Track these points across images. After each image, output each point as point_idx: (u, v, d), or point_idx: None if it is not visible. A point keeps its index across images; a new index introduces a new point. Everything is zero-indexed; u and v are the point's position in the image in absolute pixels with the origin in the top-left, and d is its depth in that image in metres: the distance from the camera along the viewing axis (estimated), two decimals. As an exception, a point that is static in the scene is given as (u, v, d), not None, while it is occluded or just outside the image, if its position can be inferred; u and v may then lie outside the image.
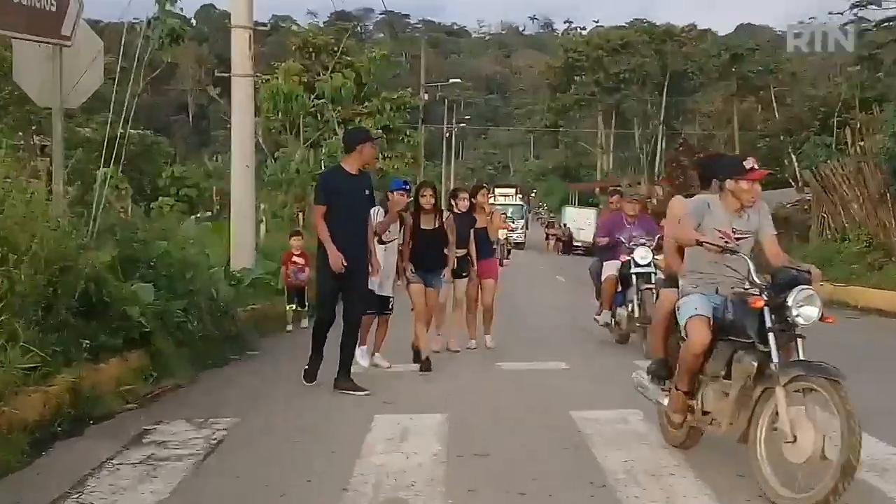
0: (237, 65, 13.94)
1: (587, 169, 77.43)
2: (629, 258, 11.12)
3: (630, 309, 11.13)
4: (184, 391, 8.48)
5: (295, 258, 13.10)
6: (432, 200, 9.90)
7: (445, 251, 10.03)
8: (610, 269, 11.50)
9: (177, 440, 6.55)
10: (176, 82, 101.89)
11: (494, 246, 11.62)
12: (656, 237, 10.92)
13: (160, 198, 21.35)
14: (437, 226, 9.91)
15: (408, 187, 9.71)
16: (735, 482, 5.52)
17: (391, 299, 9.68)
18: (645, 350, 9.78)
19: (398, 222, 9.60)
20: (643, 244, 11.15)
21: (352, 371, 8.59)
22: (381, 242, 9.27)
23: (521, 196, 63.56)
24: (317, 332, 8.57)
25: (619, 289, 11.42)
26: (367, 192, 8.44)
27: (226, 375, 9.42)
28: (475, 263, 10.96)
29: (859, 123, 24.63)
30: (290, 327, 12.93)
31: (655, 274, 10.53)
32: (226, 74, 14.86)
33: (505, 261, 27.31)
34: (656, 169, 61.54)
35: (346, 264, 8.10)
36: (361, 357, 9.41)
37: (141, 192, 25.07)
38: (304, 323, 12.90)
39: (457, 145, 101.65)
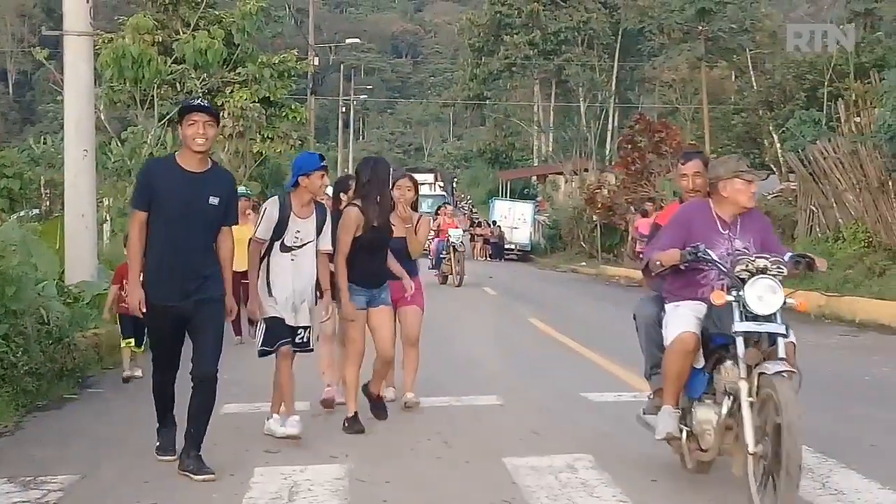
0: (71, 19, 13.70)
1: (521, 152, 78.10)
2: (731, 299, 6.28)
3: (726, 409, 6.40)
4: (4, 441, 8.37)
5: None
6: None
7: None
8: (683, 320, 6.75)
9: (-3, 506, 6.44)
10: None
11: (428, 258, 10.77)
12: (788, 257, 6.68)
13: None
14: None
15: (325, 164, 8.37)
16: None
17: (307, 331, 8.42)
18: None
19: (315, 218, 8.32)
20: (763, 269, 6.36)
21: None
22: (286, 249, 8.22)
23: (441, 185, 60.15)
24: (157, 393, 7.67)
25: (702, 363, 6.70)
26: (212, 199, 7.17)
27: (60, 420, 9.30)
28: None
29: (854, 95, 25.30)
30: (127, 372, 11.44)
31: (787, 335, 6.32)
32: (56, 32, 14.60)
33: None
34: (607, 151, 62.41)
35: (158, 303, 7.13)
36: (280, 425, 8.31)
37: (-55, 184, 24.58)
38: (138, 372, 11.41)
39: (356, 122, 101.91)
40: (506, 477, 7.10)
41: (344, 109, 77.60)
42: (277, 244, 8.20)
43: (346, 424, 8.67)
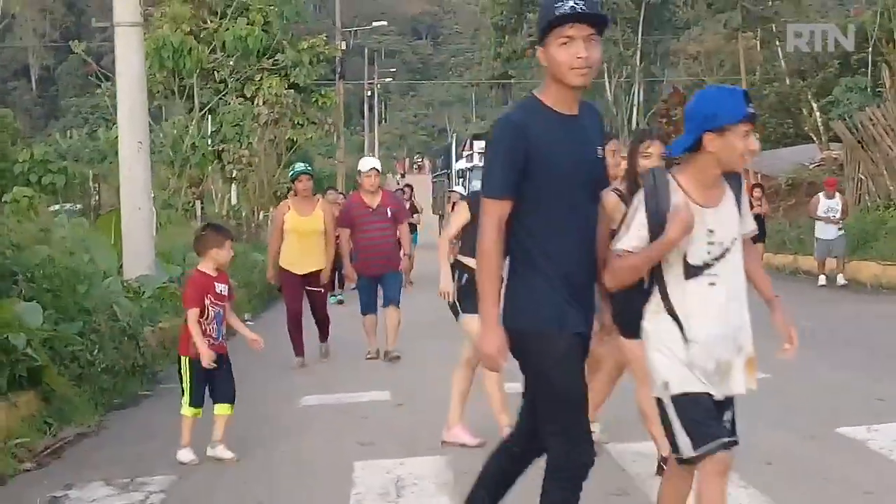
0: (121, 9, 13.51)
1: (547, 130, 77.50)
2: None
3: None
4: (91, 442, 8.21)
5: (217, 286, 7.50)
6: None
7: None
8: None
9: (100, 510, 6.28)
10: (12, 38, 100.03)
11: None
12: None
13: (15, 188, 20.73)
14: None
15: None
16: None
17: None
18: None
19: (729, 194, 4.46)
20: None
21: None
22: (695, 271, 4.35)
23: None
24: None
25: None
26: (599, 151, 4.48)
27: (141, 418, 9.14)
28: None
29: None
30: (186, 454, 7.38)
31: None
32: (105, 24, 14.42)
33: None
34: (633, 125, 61.95)
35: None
36: None
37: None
38: (225, 452, 7.47)
39: (378, 106, 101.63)
40: (613, 464, 6.89)
41: (369, 93, 77.41)
42: (677, 267, 4.37)
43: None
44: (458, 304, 7.46)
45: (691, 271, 4.32)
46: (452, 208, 22.49)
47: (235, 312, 7.90)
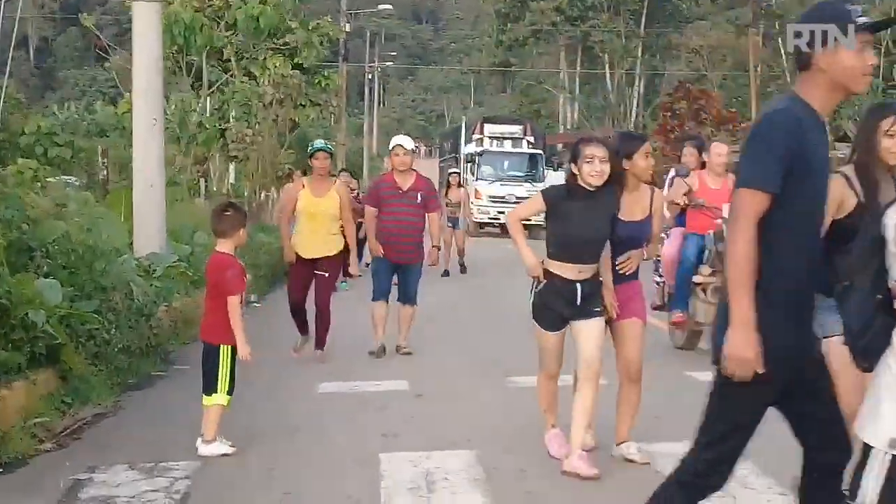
0: (140, -16, 13.36)
1: (546, 119, 77.36)
2: None
3: None
4: (109, 423, 8.08)
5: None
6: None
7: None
8: None
9: (126, 495, 6.15)
10: (10, 8, 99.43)
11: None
12: None
13: (19, 160, 20.48)
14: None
15: None
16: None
17: None
18: None
19: None
20: None
21: None
22: None
23: (531, 140, 41.21)
24: None
25: None
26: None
27: (156, 399, 8.99)
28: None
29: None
30: (219, 447, 7.10)
31: None
32: (123, -2, 14.20)
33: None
34: (632, 118, 61.90)
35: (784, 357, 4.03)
36: None
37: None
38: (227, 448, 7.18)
39: (377, 89, 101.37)
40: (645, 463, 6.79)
41: (369, 76, 77.23)
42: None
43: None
44: (532, 315, 6.94)
45: None
46: (447, 192, 22.08)
47: None
